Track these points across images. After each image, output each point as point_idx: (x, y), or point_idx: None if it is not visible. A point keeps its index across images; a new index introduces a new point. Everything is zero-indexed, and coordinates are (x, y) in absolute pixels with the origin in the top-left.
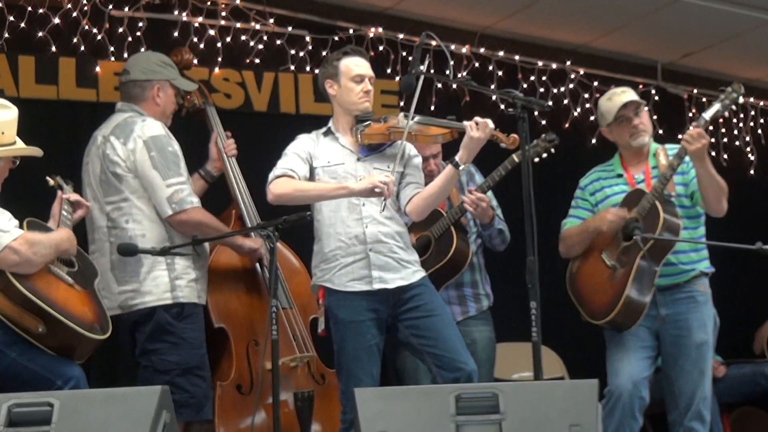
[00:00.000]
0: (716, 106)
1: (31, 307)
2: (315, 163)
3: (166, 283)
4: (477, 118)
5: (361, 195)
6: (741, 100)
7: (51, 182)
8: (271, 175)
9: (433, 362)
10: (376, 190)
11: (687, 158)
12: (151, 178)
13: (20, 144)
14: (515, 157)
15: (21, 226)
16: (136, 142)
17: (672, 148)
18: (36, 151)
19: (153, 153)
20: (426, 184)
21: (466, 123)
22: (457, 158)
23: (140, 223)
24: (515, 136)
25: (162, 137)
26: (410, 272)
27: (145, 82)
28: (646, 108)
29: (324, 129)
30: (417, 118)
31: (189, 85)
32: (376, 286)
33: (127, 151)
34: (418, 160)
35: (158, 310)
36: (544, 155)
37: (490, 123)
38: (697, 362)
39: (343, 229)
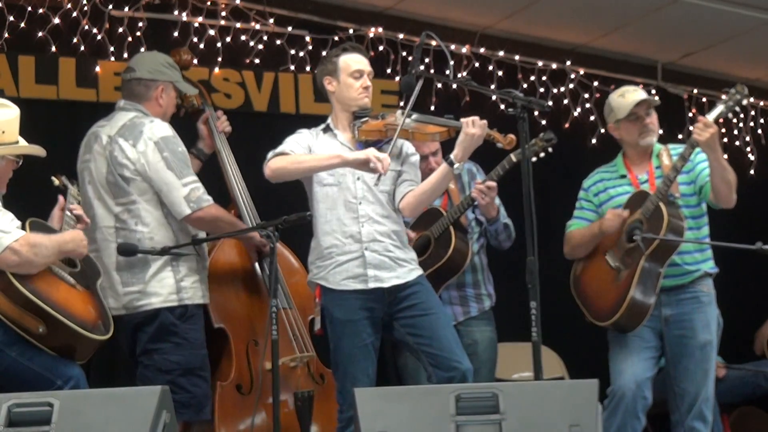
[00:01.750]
0: (720, 108)
1: (32, 307)
2: None
3: (171, 284)
4: (470, 117)
5: (354, 165)
6: (744, 102)
7: (56, 182)
8: (269, 154)
9: (428, 361)
10: (371, 165)
11: (692, 157)
12: (166, 179)
13: (23, 143)
14: (513, 157)
15: (23, 227)
16: (147, 143)
17: (675, 149)
18: (38, 150)
19: (166, 153)
20: None
21: (462, 120)
22: (452, 157)
23: (148, 226)
24: (512, 136)
25: (171, 138)
26: (406, 271)
27: (150, 82)
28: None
29: (323, 126)
30: (414, 116)
31: (191, 89)
32: (372, 284)
33: (137, 153)
34: (416, 158)
35: (163, 312)
36: (542, 154)
37: (484, 122)
38: (701, 363)
39: (339, 227)
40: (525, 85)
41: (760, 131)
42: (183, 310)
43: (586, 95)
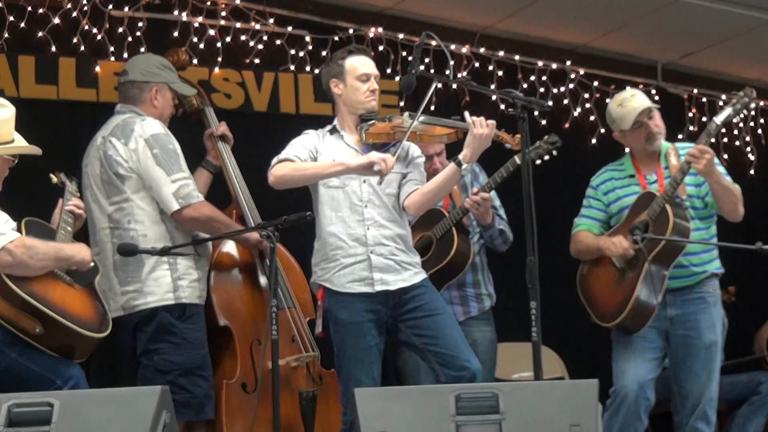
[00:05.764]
0: (728, 111)
1: (28, 307)
2: (320, 160)
3: (168, 283)
4: (477, 118)
5: (358, 171)
6: (753, 105)
7: (54, 179)
8: (274, 160)
9: (435, 360)
10: (375, 167)
11: None
12: (155, 176)
13: (19, 142)
14: (517, 159)
15: (19, 226)
16: (138, 141)
17: (683, 148)
18: (34, 150)
19: (155, 150)
20: None
21: (469, 121)
22: (460, 157)
23: (142, 223)
24: (520, 136)
25: (162, 135)
26: (411, 274)
27: (143, 84)
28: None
29: (329, 127)
30: (422, 118)
31: (188, 90)
32: (378, 288)
33: (129, 151)
34: (421, 160)
35: (160, 311)
36: (546, 157)
37: (493, 122)
38: (706, 363)
39: (345, 230)
40: (525, 85)
41: (760, 131)
42: (181, 310)
43: (586, 95)
